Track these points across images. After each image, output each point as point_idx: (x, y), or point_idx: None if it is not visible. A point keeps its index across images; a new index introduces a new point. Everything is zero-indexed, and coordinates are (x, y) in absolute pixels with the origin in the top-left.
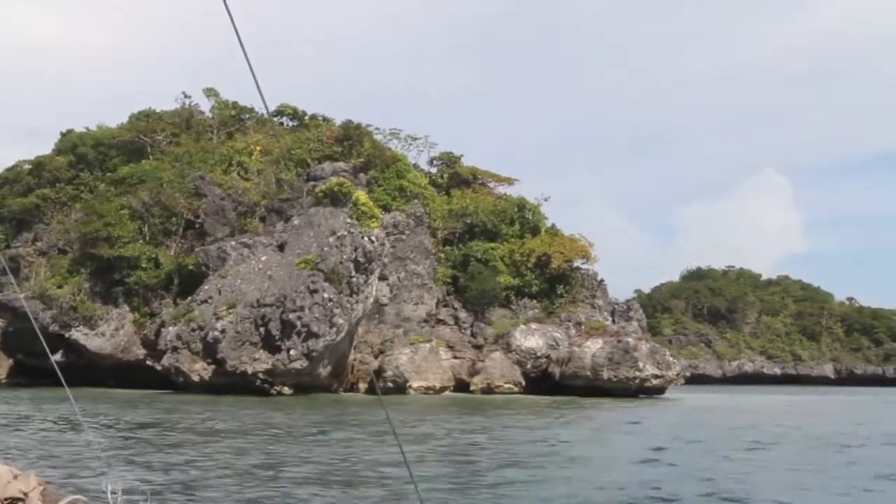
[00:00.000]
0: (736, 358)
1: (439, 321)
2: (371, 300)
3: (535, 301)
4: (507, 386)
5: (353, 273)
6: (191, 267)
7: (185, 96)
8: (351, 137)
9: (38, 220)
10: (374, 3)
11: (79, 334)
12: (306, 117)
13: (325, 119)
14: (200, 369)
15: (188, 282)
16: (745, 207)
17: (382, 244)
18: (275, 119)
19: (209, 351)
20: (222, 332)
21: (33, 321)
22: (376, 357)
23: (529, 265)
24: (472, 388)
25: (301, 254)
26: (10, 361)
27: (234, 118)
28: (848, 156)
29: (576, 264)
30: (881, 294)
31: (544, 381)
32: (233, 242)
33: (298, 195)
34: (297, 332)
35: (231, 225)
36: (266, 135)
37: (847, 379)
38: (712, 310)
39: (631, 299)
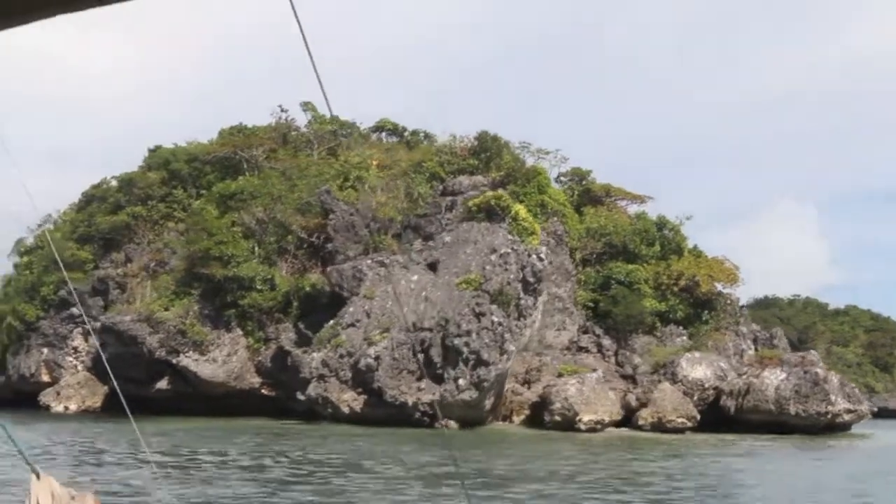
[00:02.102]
0: None
1: (581, 349)
2: (537, 324)
3: (680, 328)
4: (679, 421)
5: (522, 294)
6: (307, 289)
7: (282, 110)
8: (488, 149)
9: (127, 239)
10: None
11: (189, 360)
12: (406, 133)
13: (426, 135)
14: (350, 399)
15: (307, 304)
16: (770, 235)
17: (550, 262)
18: (373, 134)
19: (360, 379)
20: (376, 358)
21: (98, 348)
22: (523, 385)
23: (675, 289)
24: (640, 422)
25: (459, 273)
26: (105, 388)
27: (333, 133)
28: (878, 184)
29: (719, 288)
30: None
31: (711, 415)
32: (369, 261)
33: (437, 211)
34: (463, 360)
35: (363, 242)
36: (380, 149)
37: None
38: None
39: (774, 328)
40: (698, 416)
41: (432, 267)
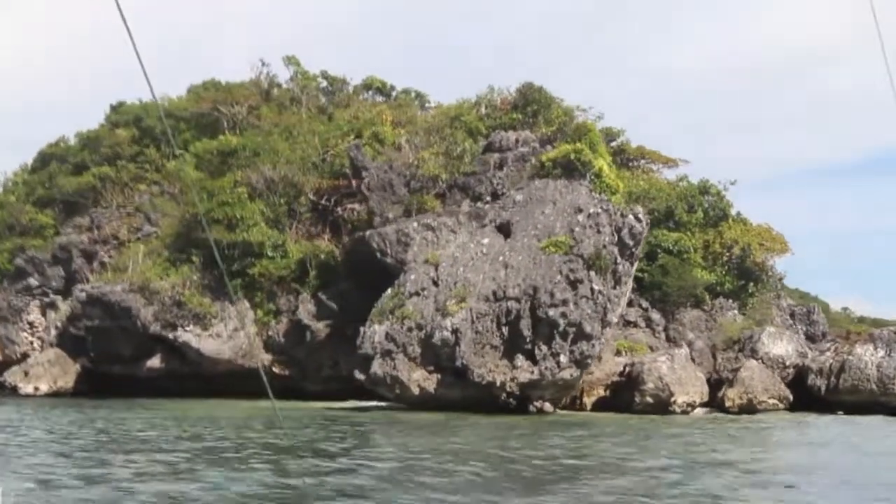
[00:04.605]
0: None
1: (629, 323)
2: (629, 292)
3: (730, 300)
4: (771, 402)
5: (619, 259)
6: (322, 256)
7: (263, 64)
8: (534, 102)
9: (93, 202)
10: None
11: (189, 335)
12: (395, 92)
13: (417, 94)
14: (421, 379)
15: (326, 273)
16: None
17: (647, 223)
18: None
19: (431, 356)
20: (454, 332)
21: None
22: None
23: (724, 259)
24: (726, 403)
25: (540, 236)
26: (77, 367)
27: (322, 90)
28: (781, 171)
29: (766, 259)
30: None
31: (795, 395)
32: (415, 224)
33: (485, 169)
34: (560, 333)
35: (404, 203)
36: (391, 105)
37: None
38: None
39: (811, 306)
40: (791, 397)
41: (502, 229)
